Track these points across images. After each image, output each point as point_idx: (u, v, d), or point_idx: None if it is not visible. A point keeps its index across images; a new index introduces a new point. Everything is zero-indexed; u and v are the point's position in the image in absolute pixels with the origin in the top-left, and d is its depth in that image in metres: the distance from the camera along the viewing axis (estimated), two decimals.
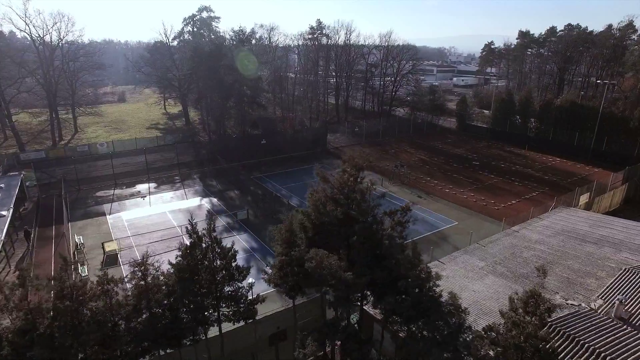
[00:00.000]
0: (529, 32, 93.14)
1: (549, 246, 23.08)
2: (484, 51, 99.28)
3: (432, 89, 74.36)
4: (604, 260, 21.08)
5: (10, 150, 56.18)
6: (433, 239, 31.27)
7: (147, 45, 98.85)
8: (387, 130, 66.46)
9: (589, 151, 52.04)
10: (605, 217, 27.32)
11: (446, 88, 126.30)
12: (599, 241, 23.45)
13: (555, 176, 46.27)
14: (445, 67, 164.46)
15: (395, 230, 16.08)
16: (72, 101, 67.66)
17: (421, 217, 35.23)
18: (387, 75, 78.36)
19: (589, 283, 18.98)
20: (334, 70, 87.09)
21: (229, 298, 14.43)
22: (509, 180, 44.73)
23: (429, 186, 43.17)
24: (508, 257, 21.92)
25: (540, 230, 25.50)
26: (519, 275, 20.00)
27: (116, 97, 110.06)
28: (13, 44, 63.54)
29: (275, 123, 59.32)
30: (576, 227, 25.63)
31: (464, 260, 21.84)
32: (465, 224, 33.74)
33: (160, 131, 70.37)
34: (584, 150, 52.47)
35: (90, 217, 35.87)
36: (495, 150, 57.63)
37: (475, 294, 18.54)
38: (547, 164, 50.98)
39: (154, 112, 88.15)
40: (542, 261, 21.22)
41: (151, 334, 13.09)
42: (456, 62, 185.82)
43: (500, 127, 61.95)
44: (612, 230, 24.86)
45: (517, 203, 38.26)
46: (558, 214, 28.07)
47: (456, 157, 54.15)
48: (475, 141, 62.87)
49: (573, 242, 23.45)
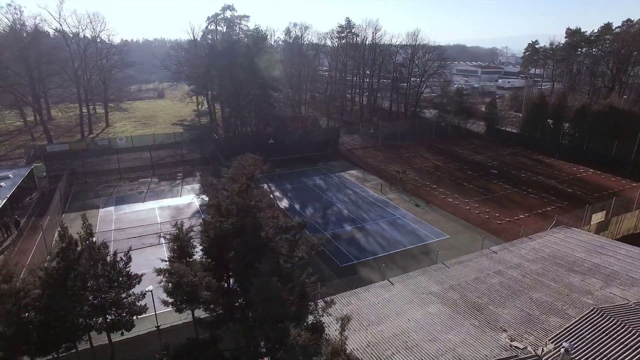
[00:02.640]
0: (580, 30, 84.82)
1: (524, 273, 20.02)
2: (527, 51, 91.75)
3: (459, 91, 69.76)
4: (582, 295, 17.81)
5: (43, 142, 60.13)
6: (413, 253, 28.70)
7: (174, 43, 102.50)
8: (408, 133, 63.27)
9: (629, 164, 45.89)
10: (610, 243, 23.42)
11: (488, 90, 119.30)
12: (588, 271, 19.99)
13: (581, 189, 41.21)
14: (491, 68, 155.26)
15: (283, 248, 14.24)
16: (105, 97, 71.45)
17: (411, 229, 32.67)
18: (413, 75, 74.78)
19: (550, 322, 16.00)
20: (361, 70, 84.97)
21: (112, 306, 13.55)
22: (524, 192, 40.45)
23: (432, 194, 40.12)
24: (469, 283, 19.24)
25: (524, 252, 22.32)
26: (472, 306, 17.37)
27: (156, 94, 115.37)
28: (49, 42, 67.83)
29: (286, 122, 58.38)
30: (568, 252, 22.15)
31: (416, 282, 19.47)
32: (457, 239, 30.71)
33: (184, 128, 72.24)
34: (623, 163, 46.36)
35: (84, 209, 36.86)
36: (521, 158, 52.68)
37: (407, 323, 16.29)
38: (575, 176, 45.62)
39: (185, 109, 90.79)
40: (508, 290, 18.40)
41: (20, 340, 12.50)
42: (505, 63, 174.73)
43: (531, 132, 56.60)
44: (610, 258, 21.16)
45: (525, 218, 34.34)
46: (554, 235, 24.52)
47: (474, 164, 50.13)
48: (501, 147, 58.01)
49: (556, 270, 20.18)
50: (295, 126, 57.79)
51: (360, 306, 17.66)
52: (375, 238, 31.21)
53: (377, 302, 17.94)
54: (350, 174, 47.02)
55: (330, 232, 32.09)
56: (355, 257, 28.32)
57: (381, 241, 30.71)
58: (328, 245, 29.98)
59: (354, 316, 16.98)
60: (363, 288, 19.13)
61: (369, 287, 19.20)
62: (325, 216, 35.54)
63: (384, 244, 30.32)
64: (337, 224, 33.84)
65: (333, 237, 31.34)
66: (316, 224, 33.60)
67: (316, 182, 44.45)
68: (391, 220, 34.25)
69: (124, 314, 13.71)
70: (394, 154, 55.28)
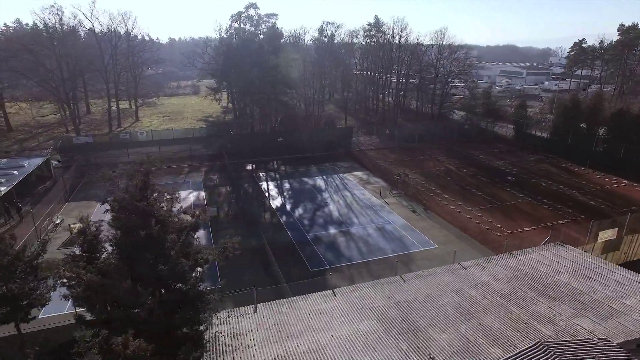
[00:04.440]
0: (636, 26, 76.76)
1: (486, 293, 17.80)
2: (573, 50, 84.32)
3: (486, 93, 65.36)
4: (543, 325, 15.44)
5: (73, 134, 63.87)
6: (391, 262, 26.74)
7: (199, 40, 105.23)
8: (428, 135, 60.32)
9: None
10: (604, 266, 20.32)
11: (531, 92, 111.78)
12: (563, 297, 17.40)
13: (607, 202, 36.82)
14: (538, 70, 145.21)
15: (175, 249, 13.30)
16: (135, 93, 74.73)
17: (398, 236, 30.70)
18: (439, 75, 71.21)
19: (490, 353, 13.93)
20: (387, 69, 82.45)
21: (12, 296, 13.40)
22: (538, 203, 36.81)
23: (433, 200, 37.63)
24: (418, 300, 17.38)
25: (497, 270, 19.94)
26: (409, 327, 15.59)
27: (192, 90, 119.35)
28: (82, 40, 71.94)
29: (298, 120, 57.61)
30: (549, 273, 19.49)
31: (362, 295, 17.90)
32: (445, 250, 28.33)
33: (207, 124, 73.79)
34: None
35: (86, 199, 38.44)
36: (546, 165, 48.22)
37: (330, 339, 14.87)
38: (604, 187, 40.93)
39: (214, 106, 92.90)
40: (458, 312, 16.41)
41: None
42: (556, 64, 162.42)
43: (562, 138, 51.70)
44: (597, 284, 18.33)
45: (529, 231, 31.12)
46: (541, 253, 21.77)
47: (490, 170, 46.57)
48: (527, 153, 53.56)
49: (525, 293, 17.76)
50: (308, 125, 56.86)
51: (290, 316, 16.48)
52: (357, 243, 29.60)
53: (309, 313, 16.66)
54: (354, 175, 45.41)
55: (312, 235, 30.91)
56: (329, 262, 26.95)
57: (362, 247, 29.06)
58: (305, 248, 28.95)
59: (277, 326, 15.90)
60: (302, 296, 17.89)
61: (308, 296, 17.92)
62: (314, 217, 34.35)
63: (365, 250, 28.65)
64: (322, 226, 32.55)
65: (314, 239, 30.14)
66: (301, 225, 32.56)
67: (316, 182, 43.31)
68: (380, 225, 32.40)
69: (24, 304, 13.56)
70: (407, 157, 52.81)
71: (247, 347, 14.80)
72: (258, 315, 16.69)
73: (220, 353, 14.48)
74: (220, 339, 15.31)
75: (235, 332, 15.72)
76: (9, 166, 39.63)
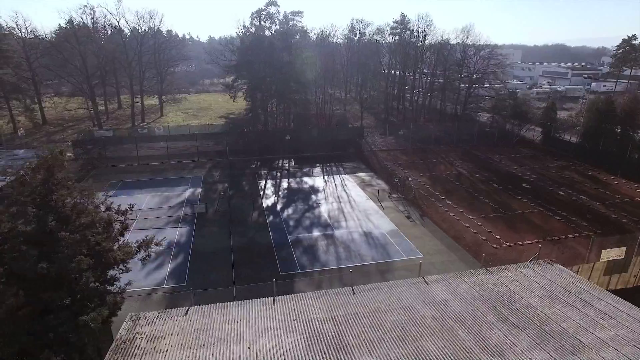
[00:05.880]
0: None
1: (437, 314, 15.89)
2: (621, 48, 76.98)
3: (512, 94, 60.96)
4: (488, 355, 13.41)
5: None
6: (369, 270, 25.19)
7: (222, 39, 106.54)
8: (446, 136, 57.25)
9: None
10: (592, 291, 17.59)
11: (572, 94, 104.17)
12: (525, 324, 15.17)
13: (633, 217, 32.78)
14: (585, 71, 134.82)
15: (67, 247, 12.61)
16: (160, 89, 76.89)
17: (384, 242, 28.92)
18: (464, 75, 67.45)
19: None
20: (413, 68, 79.47)
21: None
22: (550, 214, 33.44)
23: (434, 206, 35.26)
24: (360, 316, 15.80)
25: (462, 288, 17.86)
26: (336, 345, 14.11)
27: (223, 87, 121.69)
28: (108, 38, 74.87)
29: (307, 119, 56.53)
30: (521, 294, 17.17)
31: (299, 306, 16.57)
32: (431, 260, 26.28)
33: (227, 120, 74.65)
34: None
35: None
36: (570, 173, 44.00)
37: (245, 352, 13.72)
38: (634, 199, 36.59)
39: (238, 102, 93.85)
40: (396, 333, 14.73)
41: None
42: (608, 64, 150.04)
43: (593, 143, 47.04)
44: (573, 312, 15.87)
45: (530, 244, 28.18)
46: (520, 271, 19.32)
47: (506, 176, 43.16)
48: (552, 158, 49.29)
49: (483, 317, 15.67)
50: (318, 124, 55.67)
51: (216, 322, 15.50)
52: (338, 248, 28.13)
53: (237, 320, 15.60)
54: (357, 176, 43.72)
55: (293, 237, 29.80)
56: (301, 267, 25.76)
57: (342, 253, 27.57)
58: (282, 250, 27.89)
59: (198, 332, 14.98)
60: (238, 302, 16.85)
61: (245, 302, 16.85)
62: (301, 219, 33.19)
63: (343, 256, 27.16)
64: (306, 228, 31.34)
65: (294, 242, 29.03)
66: (285, 226, 31.53)
67: (316, 182, 42.08)
68: (367, 230, 30.68)
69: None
70: (419, 159, 50.26)
71: (158, 351, 13.98)
72: (186, 319, 15.85)
73: (129, 356, 13.76)
74: (137, 341, 14.60)
75: (156, 335, 14.96)
76: (23, 157, 41.71)
